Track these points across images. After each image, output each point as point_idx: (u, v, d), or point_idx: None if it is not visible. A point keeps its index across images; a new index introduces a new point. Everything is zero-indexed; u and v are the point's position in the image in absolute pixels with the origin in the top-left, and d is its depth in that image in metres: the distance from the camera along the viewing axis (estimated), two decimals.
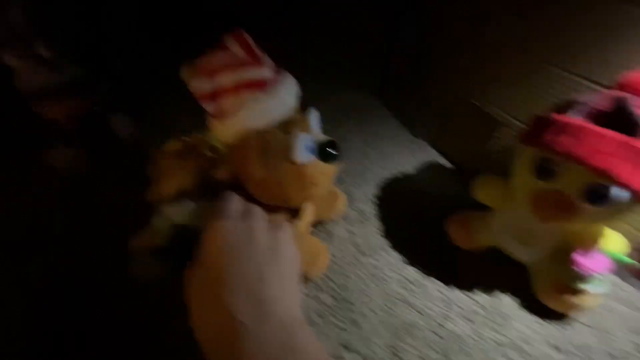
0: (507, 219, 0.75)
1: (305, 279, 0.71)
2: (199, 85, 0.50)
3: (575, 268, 0.64)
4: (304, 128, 0.54)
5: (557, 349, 0.66)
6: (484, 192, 0.79)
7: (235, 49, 0.51)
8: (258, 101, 0.50)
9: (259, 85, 0.51)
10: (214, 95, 0.50)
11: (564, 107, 0.60)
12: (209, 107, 0.52)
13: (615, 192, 0.54)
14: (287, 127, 0.53)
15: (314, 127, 0.56)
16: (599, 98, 0.57)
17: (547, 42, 0.75)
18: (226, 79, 0.49)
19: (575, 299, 0.67)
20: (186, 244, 0.44)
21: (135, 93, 1.25)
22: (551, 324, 0.70)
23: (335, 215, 0.84)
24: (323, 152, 0.54)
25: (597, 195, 0.55)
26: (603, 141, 0.53)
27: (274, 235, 0.42)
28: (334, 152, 0.56)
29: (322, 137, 0.56)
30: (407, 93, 1.20)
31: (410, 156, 1.08)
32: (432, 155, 1.09)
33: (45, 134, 1.00)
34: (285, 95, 0.54)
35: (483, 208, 0.79)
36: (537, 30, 0.77)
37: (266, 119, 0.52)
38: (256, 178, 0.51)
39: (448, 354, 0.65)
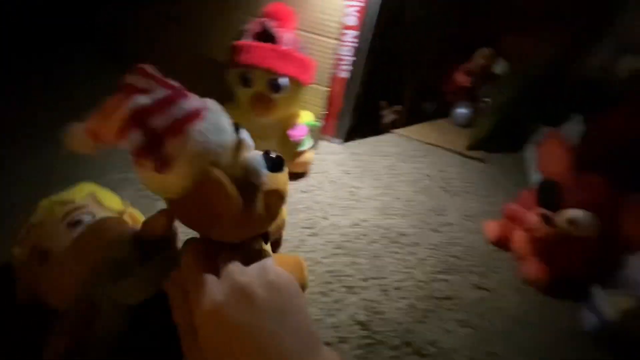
0: (248, 129, 1.01)
1: None
2: (133, 139, 0.39)
3: (292, 139, 0.98)
4: (246, 146, 0.49)
5: (304, 191, 1.03)
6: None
7: (144, 84, 0.41)
8: (201, 133, 0.42)
9: (196, 116, 0.42)
10: (153, 145, 0.40)
11: (240, 35, 0.87)
12: (149, 161, 0.40)
13: (282, 80, 0.87)
14: (232, 151, 0.46)
15: (249, 142, 0.51)
16: (253, 24, 0.86)
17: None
18: (160, 121, 0.40)
19: (303, 159, 1.04)
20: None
21: None
22: (299, 183, 1.06)
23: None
24: (274, 164, 0.50)
25: (275, 85, 0.86)
26: (262, 51, 0.83)
27: (268, 286, 0.37)
28: (280, 161, 0.52)
29: (259, 151, 0.52)
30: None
31: None
32: None
33: None
34: (220, 117, 0.46)
35: None
36: None
37: (212, 149, 0.43)
38: (232, 213, 0.44)
39: None
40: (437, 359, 0.72)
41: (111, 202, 0.64)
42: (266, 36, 0.85)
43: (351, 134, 1.29)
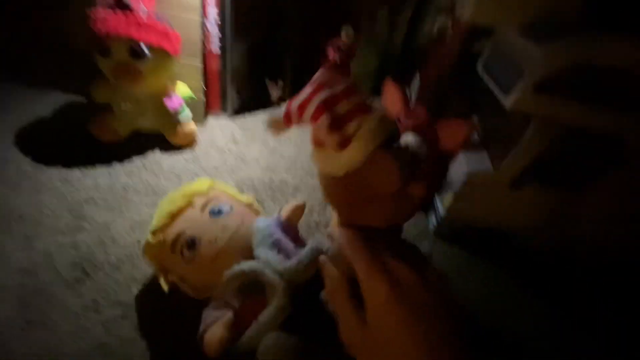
0: (124, 105, 1.02)
1: None
2: (324, 120, 0.44)
3: (170, 109, 1.02)
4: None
5: (194, 160, 1.07)
6: (99, 94, 1.01)
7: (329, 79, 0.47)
8: (376, 119, 0.45)
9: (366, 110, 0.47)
10: (339, 124, 0.45)
11: (97, 6, 0.88)
12: (335, 138, 0.45)
13: (143, 47, 0.90)
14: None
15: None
16: None
17: None
18: (344, 106, 0.45)
19: (185, 129, 1.08)
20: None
21: None
22: (185, 154, 1.09)
23: None
24: None
25: (136, 52, 0.90)
26: (119, 19, 0.85)
27: (435, 283, 0.38)
28: None
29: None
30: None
31: (34, 101, 1.12)
32: (52, 94, 1.18)
33: None
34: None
35: (106, 108, 1.02)
36: None
37: (385, 130, 0.47)
38: (393, 190, 0.47)
39: (127, 198, 0.89)
40: None
41: (236, 194, 0.71)
42: (121, 5, 0.88)
43: (239, 110, 1.37)
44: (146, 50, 0.91)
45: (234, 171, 1.08)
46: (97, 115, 1.04)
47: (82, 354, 0.60)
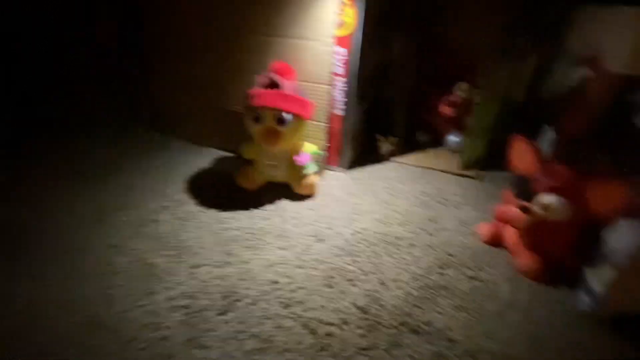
0: (263, 161, 1.23)
1: None
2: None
3: (298, 164, 1.18)
4: None
5: (311, 209, 1.18)
6: (247, 152, 1.25)
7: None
8: None
9: None
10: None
11: (254, 86, 1.13)
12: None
13: (286, 116, 1.09)
14: None
15: None
16: (262, 77, 1.13)
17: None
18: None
19: (309, 181, 1.21)
20: None
21: None
22: (307, 203, 1.22)
23: None
24: None
25: (281, 120, 1.09)
26: (271, 95, 1.07)
27: None
28: None
29: None
30: (179, 117, 1.56)
31: (199, 158, 1.45)
32: (215, 152, 1.50)
33: None
34: None
35: (249, 162, 1.25)
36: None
37: None
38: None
39: (263, 240, 1.03)
40: (433, 336, 0.78)
41: None
42: (272, 84, 1.11)
43: (353, 164, 1.48)
44: (288, 118, 1.10)
45: (350, 222, 1.14)
46: (242, 168, 1.27)
47: None
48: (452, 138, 1.62)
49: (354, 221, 1.15)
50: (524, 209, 0.91)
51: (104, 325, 0.77)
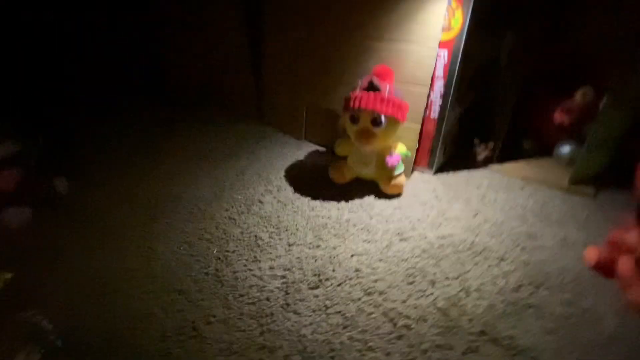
0: (354, 158, 1.32)
1: None
2: None
3: (388, 165, 1.23)
4: None
5: (397, 207, 1.23)
6: (340, 149, 1.36)
7: None
8: None
9: None
10: None
11: (354, 89, 1.23)
12: None
13: (382, 118, 1.16)
14: None
15: None
16: (364, 79, 1.21)
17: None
18: None
19: (396, 181, 1.26)
20: None
21: (72, 157, 1.48)
22: (392, 202, 1.27)
23: None
24: None
25: (376, 121, 1.16)
26: (369, 97, 1.15)
27: None
28: None
29: None
30: (285, 112, 1.76)
31: (297, 149, 1.62)
32: (311, 146, 1.65)
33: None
34: None
35: (342, 158, 1.36)
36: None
37: None
38: None
39: (349, 230, 1.14)
40: (514, 351, 0.77)
41: None
42: (372, 87, 1.18)
43: (445, 168, 1.46)
44: (383, 119, 1.16)
45: (435, 226, 1.15)
46: (335, 163, 1.38)
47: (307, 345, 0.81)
48: (564, 148, 1.45)
49: (440, 225, 1.16)
50: None
51: (224, 280, 0.98)
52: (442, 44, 1.18)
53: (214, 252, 1.07)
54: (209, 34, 1.84)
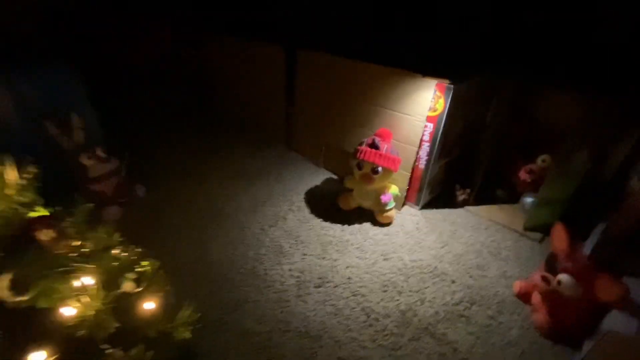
0: (358, 192, 1.74)
1: None
2: None
3: (382, 202, 1.65)
4: None
5: (386, 234, 1.65)
6: (348, 183, 1.78)
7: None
8: None
9: None
10: None
11: (361, 143, 1.65)
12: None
13: (379, 168, 1.58)
14: None
15: None
16: (368, 139, 1.63)
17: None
18: None
19: (388, 214, 1.68)
20: None
21: (147, 170, 1.98)
22: (383, 229, 1.69)
23: None
24: None
25: (375, 170, 1.58)
26: (371, 153, 1.57)
27: None
28: None
29: None
30: (307, 144, 2.21)
31: (315, 176, 2.06)
32: (326, 173, 2.08)
33: (99, 200, 1.65)
34: None
35: (349, 190, 1.78)
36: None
37: None
38: None
39: (347, 248, 1.56)
40: (442, 342, 1.18)
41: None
42: (374, 146, 1.60)
43: (429, 205, 1.86)
44: (380, 169, 1.58)
45: (411, 251, 1.56)
46: (343, 193, 1.81)
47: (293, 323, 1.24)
48: (527, 199, 1.83)
49: (414, 251, 1.57)
50: (545, 279, 1.19)
51: (259, 276, 1.42)
52: (428, 119, 1.59)
53: (251, 254, 1.52)
54: (255, 82, 2.33)
